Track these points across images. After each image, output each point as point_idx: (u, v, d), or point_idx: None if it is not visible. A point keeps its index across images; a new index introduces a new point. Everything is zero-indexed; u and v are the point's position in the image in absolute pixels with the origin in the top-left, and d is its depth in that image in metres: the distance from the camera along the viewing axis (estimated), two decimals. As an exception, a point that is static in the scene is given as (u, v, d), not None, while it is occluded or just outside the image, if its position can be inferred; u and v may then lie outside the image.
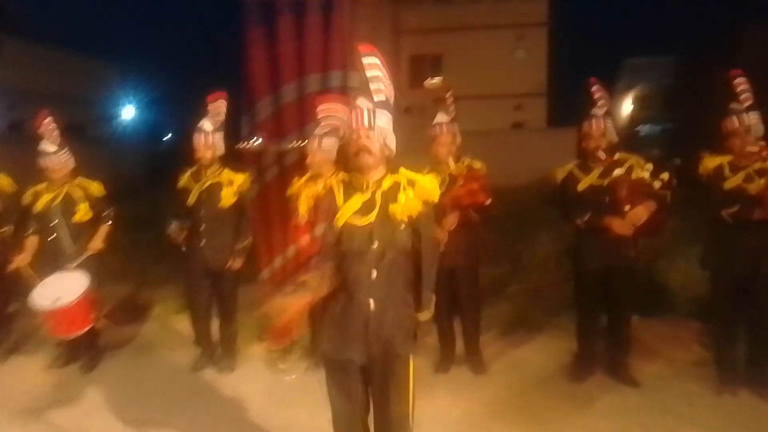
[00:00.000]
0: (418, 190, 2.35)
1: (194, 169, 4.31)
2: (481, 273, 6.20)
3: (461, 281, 4.07)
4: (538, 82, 21.98)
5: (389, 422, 2.42)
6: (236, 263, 4.28)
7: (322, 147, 4.09)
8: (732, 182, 3.50)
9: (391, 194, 2.35)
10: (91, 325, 4.23)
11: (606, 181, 3.69)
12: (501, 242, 7.08)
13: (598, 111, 3.80)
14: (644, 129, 33.30)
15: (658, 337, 4.68)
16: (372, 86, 2.39)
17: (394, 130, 2.45)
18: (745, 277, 3.52)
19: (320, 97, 4.34)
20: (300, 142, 4.42)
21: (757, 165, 3.48)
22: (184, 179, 4.30)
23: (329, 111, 4.26)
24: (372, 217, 2.32)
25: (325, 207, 2.42)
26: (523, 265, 7.09)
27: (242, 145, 4.64)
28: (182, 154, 4.69)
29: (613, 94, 37.79)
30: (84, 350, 4.47)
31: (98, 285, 4.40)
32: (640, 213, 3.50)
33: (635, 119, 33.35)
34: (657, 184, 3.57)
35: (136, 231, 8.23)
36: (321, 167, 4.12)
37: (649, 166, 3.64)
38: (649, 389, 3.78)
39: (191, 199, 4.20)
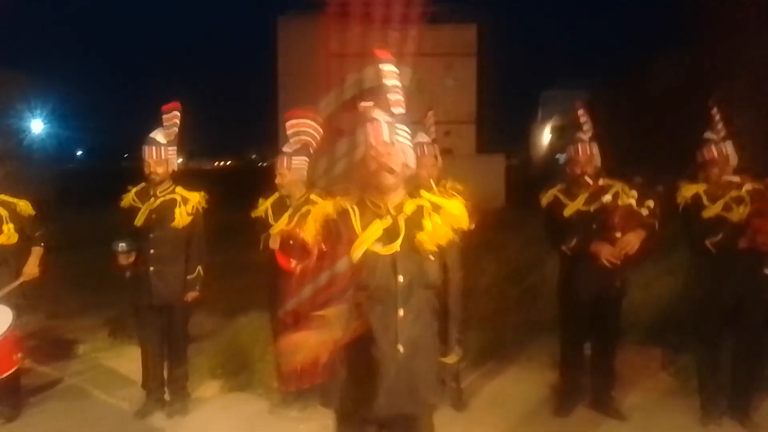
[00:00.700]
0: (445, 216, 2.08)
1: (141, 186, 3.85)
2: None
3: (444, 312, 3.83)
4: (467, 109, 22.51)
5: None
6: (191, 296, 3.84)
7: (292, 166, 3.78)
8: (711, 211, 3.49)
9: (416, 220, 2.06)
10: (15, 368, 3.63)
11: (593, 207, 3.60)
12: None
13: (584, 136, 3.72)
14: (562, 158, 35.13)
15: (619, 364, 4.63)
16: (390, 97, 2.12)
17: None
18: (730, 306, 3.51)
19: (290, 111, 4.04)
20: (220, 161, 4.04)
21: (734, 193, 3.50)
22: (129, 198, 3.83)
23: (299, 126, 3.96)
24: (396, 246, 2.01)
25: (338, 233, 2.05)
26: (468, 293, 6.85)
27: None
28: (96, 172, 4.21)
29: (534, 123, 39.91)
30: (3, 397, 3.81)
31: (22, 320, 3.81)
32: (631, 240, 3.41)
33: (554, 148, 35.13)
34: (644, 212, 3.52)
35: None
36: (291, 188, 3.81)
37: (635, 193, 3.59)
38: (635, 423, 3.68)
39: (139, 220, 3.73)
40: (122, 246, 3.70)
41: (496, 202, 17.85)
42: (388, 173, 2.04)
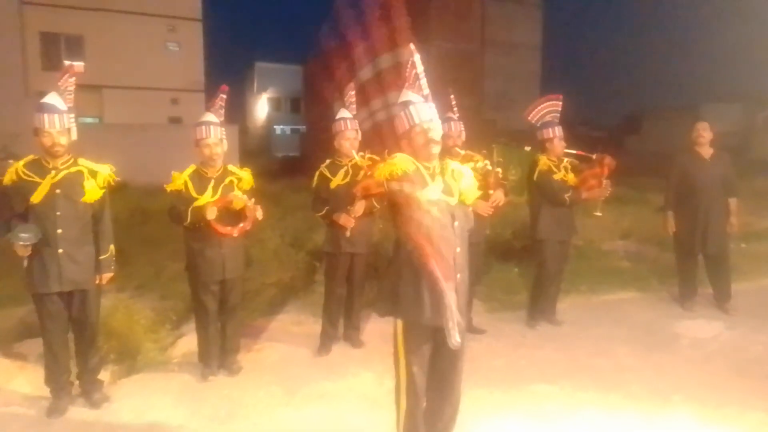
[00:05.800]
0: (469, 180, 2.73)
1: (30, 159, 3.42)
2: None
3: (357, 265, 4.37)
4: (194, 77, 21.72)
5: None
6: (106, 277, 3.59)
7: (223, 137, 3.90)
8: (558, 176, 4.81)
9: (455, 180, 2.68)
10: None
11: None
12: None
13: (454, 115, 4.65)
14: (278, 129, 36.17)
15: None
16: (421, 81, 2.65)
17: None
18: (563, 242, 4.94)
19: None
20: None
21: (564, 163, 4.88)
22: (15, 172, 3.35)
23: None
24: (456, 197, 2.62)
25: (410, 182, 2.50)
26: (257, 259, 6.65)
27: None
28: None
29: (251, 94, 39.91)
30: None
31: None
32: (500, 196, 4.48)
33: (270, 119, 35.93)
34: (499, 175, 4.63)
35: None
36: (217, 160, 3.92)
37: (488, 162, 4.67)
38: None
39: (38, 196, 3.34)
40: (26, 237, 3.25)
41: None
42: (435, 145, 2.59)
